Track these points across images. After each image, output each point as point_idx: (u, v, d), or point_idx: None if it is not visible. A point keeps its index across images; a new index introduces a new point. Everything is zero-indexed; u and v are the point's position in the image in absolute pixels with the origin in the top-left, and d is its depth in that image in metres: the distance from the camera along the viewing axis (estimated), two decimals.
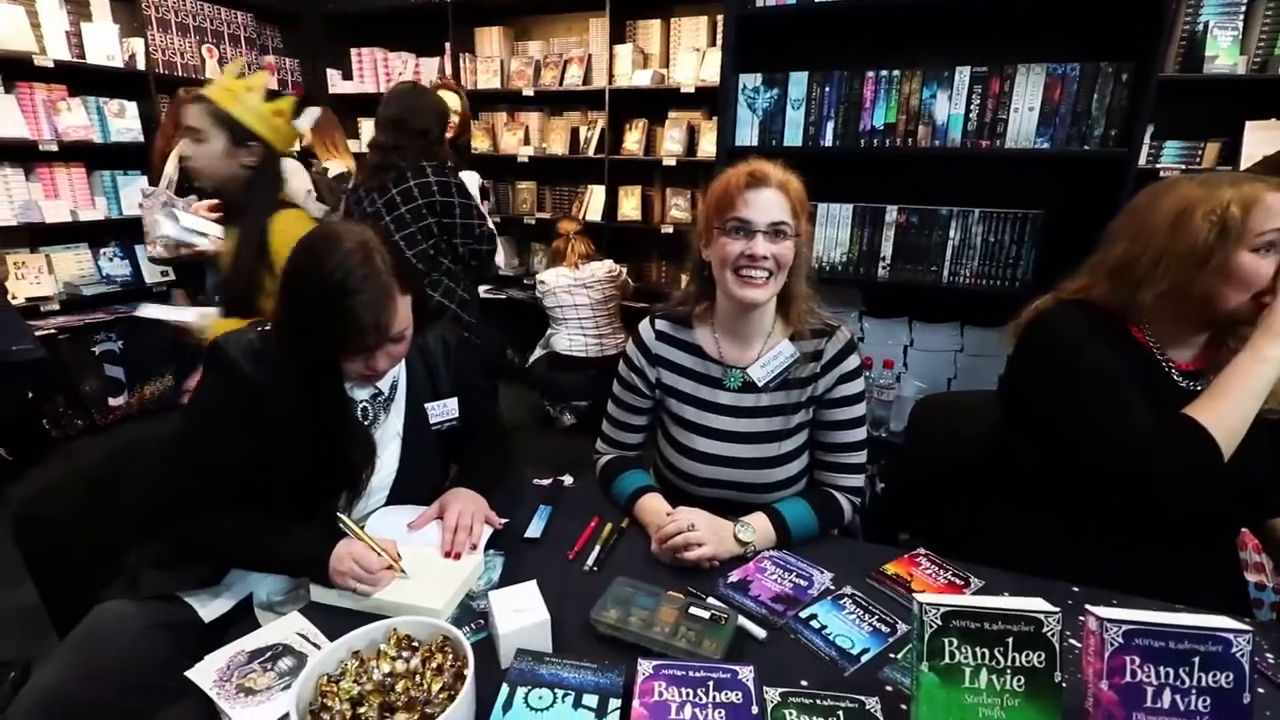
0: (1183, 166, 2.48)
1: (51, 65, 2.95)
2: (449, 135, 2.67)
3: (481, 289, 4.04)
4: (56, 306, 3.11)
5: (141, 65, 3.29)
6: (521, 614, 0.85)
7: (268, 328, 1.07)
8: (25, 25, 2.89)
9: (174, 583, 1.07)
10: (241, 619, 1.06)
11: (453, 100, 2.70)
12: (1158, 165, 2.48)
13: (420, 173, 2.12)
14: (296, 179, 2.33)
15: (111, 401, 3.34)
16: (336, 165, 3.06)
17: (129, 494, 1.19)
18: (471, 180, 2.96)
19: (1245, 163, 2.27)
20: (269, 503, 1.05)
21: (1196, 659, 0.65)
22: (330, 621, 0.91)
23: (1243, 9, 2.23)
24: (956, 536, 1.19)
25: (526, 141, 3.86)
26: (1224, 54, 2.33)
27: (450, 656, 0.78)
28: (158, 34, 3.40)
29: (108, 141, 3.19)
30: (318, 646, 0.86)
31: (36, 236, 3.09)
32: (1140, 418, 1.01)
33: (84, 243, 3.28)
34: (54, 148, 3.00)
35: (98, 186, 3.28)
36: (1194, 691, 0.65)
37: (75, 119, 3.09)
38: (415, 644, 0.80)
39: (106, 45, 3.15)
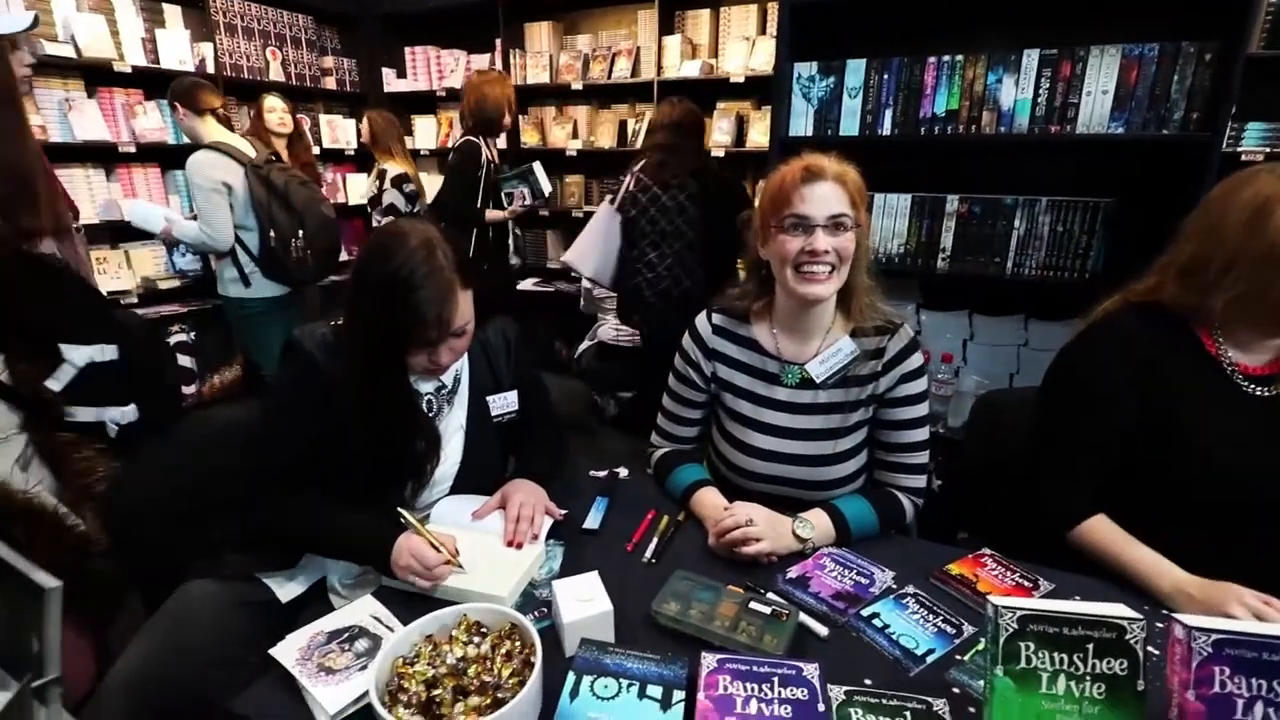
0: (1266, 150, 2.33)
1: (129, 70, 3.11)
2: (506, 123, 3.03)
3: (530, 282, 4.10)
4: (135, 300, 3.29)
5: (211, 69, 3.44)
6: (585, 604, 0.87)
7: (341, 322, 1.11)
8: (106, 32, 3.05)
9: (254, 564, 1.12)
10: (315, 600, 1.12)
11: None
12: (1238, 149, 2.34)
13: (700, 173, 2.55)
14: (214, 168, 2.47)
15: (185, 390, 3.52)
16: (394, 168, 3.15)
17: (210, 477, 1.26)
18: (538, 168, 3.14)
19: None
20: (339, 490, 1.09)
21: None
22: (401, 605, 0.94)
23: None
24: (1017, 536, 1.15)
25: (575, 135, 3.88)
26: None
27: (518, 643, 0.80)
28: (225, 38, 3.54)
29: (180, 143, 3.34)
30: (390, 629, 0.89)
31: (116, 233, 3.26)
32: (1084, 486, 1.11)
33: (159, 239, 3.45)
34: (132, 149, 3.17)
35: (171, 186, 3.45)
36: None
37: (151, 121, 3.25)
38: (484, 630, 0.82)
39: (179, 50, 3.30)
